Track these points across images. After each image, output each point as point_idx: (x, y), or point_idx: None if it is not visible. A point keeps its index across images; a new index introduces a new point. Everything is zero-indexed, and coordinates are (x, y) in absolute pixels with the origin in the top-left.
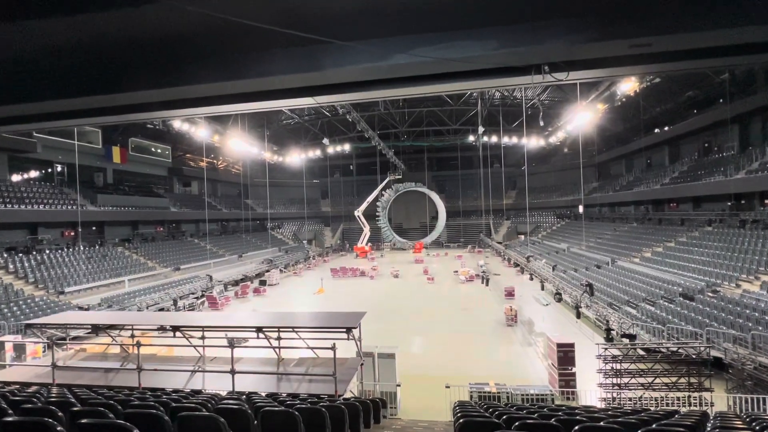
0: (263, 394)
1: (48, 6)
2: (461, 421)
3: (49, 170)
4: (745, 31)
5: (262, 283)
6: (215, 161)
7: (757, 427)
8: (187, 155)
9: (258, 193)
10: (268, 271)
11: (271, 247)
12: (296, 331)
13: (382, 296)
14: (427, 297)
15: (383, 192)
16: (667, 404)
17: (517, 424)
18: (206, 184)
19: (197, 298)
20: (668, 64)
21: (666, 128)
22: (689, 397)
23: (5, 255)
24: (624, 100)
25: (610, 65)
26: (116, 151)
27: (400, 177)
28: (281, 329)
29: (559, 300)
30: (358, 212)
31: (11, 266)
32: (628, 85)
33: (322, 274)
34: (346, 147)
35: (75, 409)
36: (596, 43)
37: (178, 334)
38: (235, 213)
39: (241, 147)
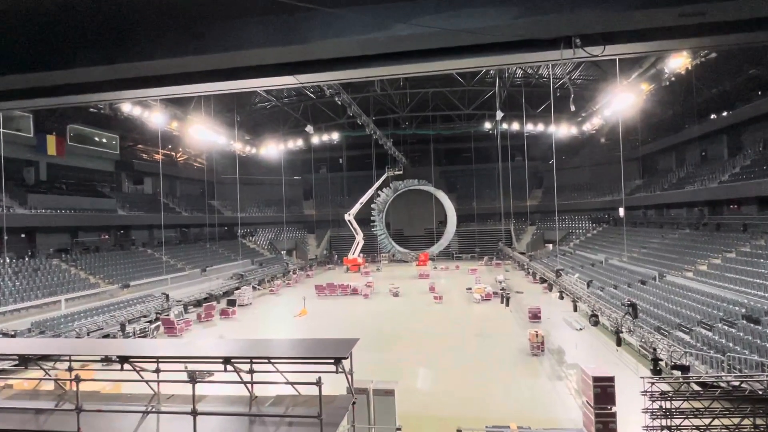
0: None
1: None
2: None
3: None
4: None
5: (231, 303)
6: (173, 153)
7: None
8: (139, 146)
9: (226, 193)
10: (238, 288)
11: (242, 258)
12: (273, 363)
13: (378, 319)
14: (434, 320)
15: (380, 191)
16: None
17: None
18: (162, 182)
19: (150, 322)
20: (725, 36)
21: (724, 114)
22: None
23: None
24: (673, 79)
25: (655, 38)
26: (51, 140)
27: (401, 173)
28: (254, 360)
29: (596, 324)
30: (350, 216)
31: None
32: (678, 62)
33: (305, 291)
34: (335, 136)
35: None
36: (639, 12)
37: (126, 366)
38: (197, 217)
39: (205, 136)
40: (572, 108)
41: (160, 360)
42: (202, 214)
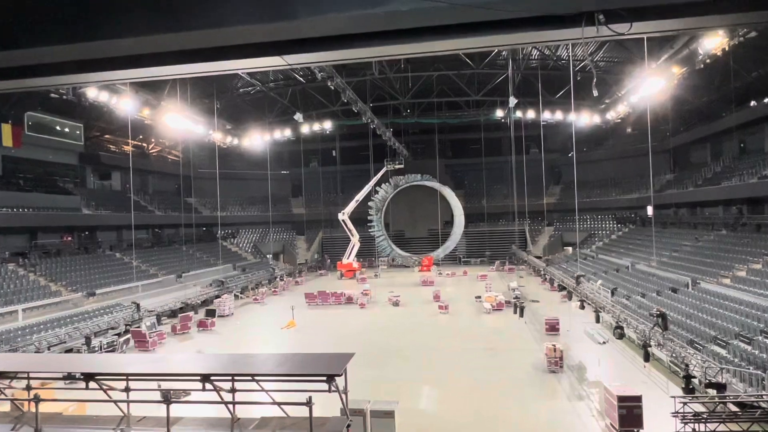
0: None
1: None
2: None
3: None
4: None
5: (210, 313)
6: (145, 145)
7: None
8: (107, 136)
9: (205, 189)
10: (218, 296)
11: (223, 263)
12: (257, 381)
13: (376, 332)
14: (439, 333)
15: (378, 187)
16: None
17: None
18: (132, 176)
19: (119, 334)
20: (767, 12)
21: (766, 100)
22: None
23: None
24: (708, 61)
25: (687, 14)
26: (6, 130)
27: (402, 166)
28: (237, 378)
29: (621, 336)
30: (344, 215)
31: None
32: (714, 42)
33: (294, 300)
34: (327, 125)
35: None
36: None
37: (92, 384)
38: (172, 216)
39: (181, 125)
40: (595, 93)
41: (130, 377)
42: (177, 213)
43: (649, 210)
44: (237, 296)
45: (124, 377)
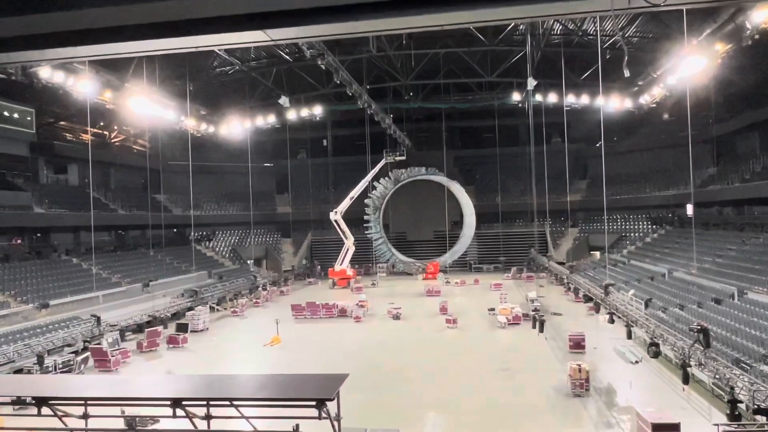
0: None
1: None
2: None
3: None
4: None
5: (182, 328)
6: (107, 133)
7: None
8: (62, 123)
9: (176, 185)
10: (191, 309)
11: (197, 270)
12: (236, 406)
13: (374, 349)
14: (447, 350)
15: (376, 183)
16: None
17: None
18: (92, 170)
19: (77, 352)
20: None
21: None
22: None
23: None
24: (757, 37)
25: None
26: None
27: (403, 158)
28: (212, 402)
29: (656, 355)
30: (336, 215)
31: None
32: (764, 14)
33: (279, 313)
34: (318, 111)
35: None
36: None
37: (45, 410)
38: (138, 216)
39: (148, 110)
40: (626, 74)
41: (89, 402)
42: (144, 212)
43: (689, 209)
44: (213, 308)
45: (82, 402)
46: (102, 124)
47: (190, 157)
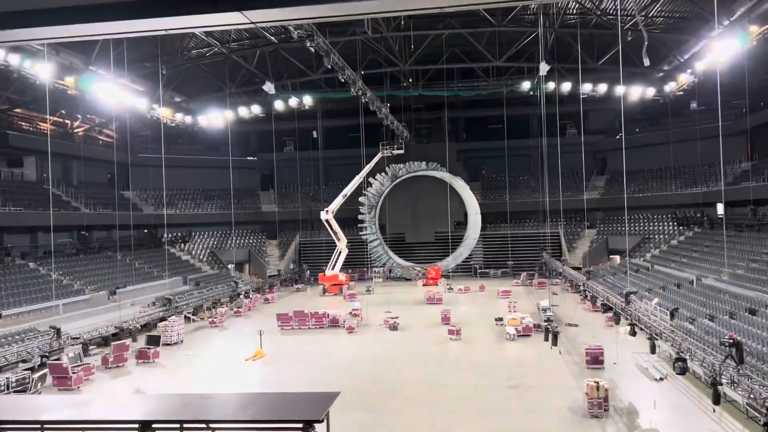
0: None
1: None
2: None
3: None
4: None
5: (153, 341)
6: (68, 122)
7: None
8: (17, 111)
9: (146, 181)
10: (163, 319)
11: (170, 276)
12: (213, 429)
13: (368, 364)
14: (449, 365)
15: (372, 179)
16: None
17: None
18: (51, 163)
19: (33, 369)
20: None
21: None
22: None
23: None
24: None
25: None
26: None
27: (402, 152)
28: (187, 425)
29: (683, 371)
30: (328, 214)
31: None
32: None
33: (263, 323)
34: (307, 99)
35: None
36: None
37: None
38: (104, 215)
39: (115, 97)
40: (645, 62)
41: (46, 426)
42: (110, 210)
43: (720, 208)
44: (189, 318)
45: (39, 426)
46: (63, 112)
47: (162, 150)
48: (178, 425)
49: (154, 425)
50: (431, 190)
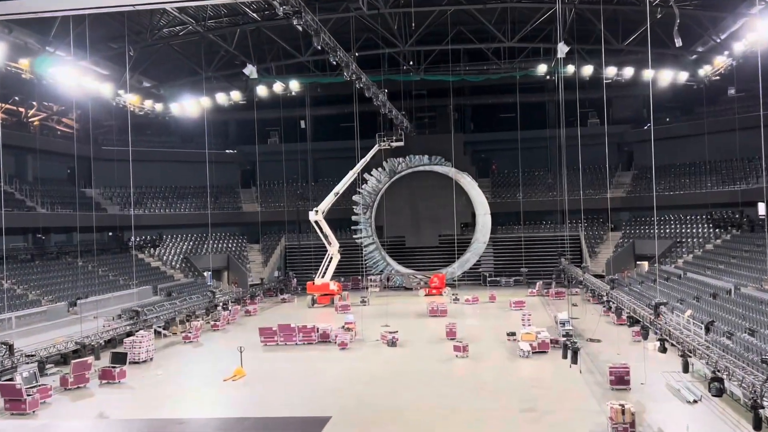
0: None
1: None
2: None
3: None
4: None
5: (119, 359)
6: (22, 110)
7: None
8: None
9: (111, 177)
10: (130, 334)
11: (139, 285)
12: None
13: (363, 385)
14: (455, 386)
15: (368, 175)
16: None
17: None
18: (3, 156)
19: None
20: None
21: None
22: None
23: None
24: None
25: None
26: None
27: (402, 144)
28: None
29: (720, 392)
30: (318, 215)
31: None
32: None
33: (243, 339)
34: (294, 85)
35: None
36: None
37: None
38: (63, 216)
39: (76, 82)
40: (677, 42)
41: None
42: (70, 210)
43: (761, 208)
44: (159, 333)
45: None
46: (16, 98)
47: (130, 142)
48: None
49: None
50: (435, 188)
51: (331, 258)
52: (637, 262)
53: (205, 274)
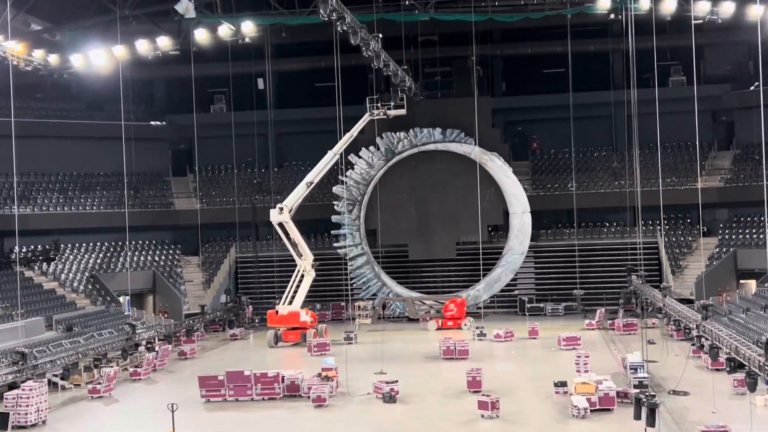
0: None
1: None
2: None
3: None
4: None
5: None
6: None
7: None
8: None
9: None
10: (14, 386)
11: (26, 315)
12: None
13: None
14: None
15: (355, 157)
16: None
17: None
18: None
19: None
20: None
21: None
22: None
23: None
24: None
25: None
26: None
27: (403, 112)
28: None
29: None
30: (284, 214)
31: None
32: None
33: (176, 393)
34: (248, 28)
35: None
36: None
37: None
38: None
39: None
40: None
41: None
42: None
43: None
44: (56, 385)
45: None
46: None
47: (12, 109)
48: None
49: None
50: (450, 175)
51: (303, 276)
52: (741, 281)
53: (120, 299)
